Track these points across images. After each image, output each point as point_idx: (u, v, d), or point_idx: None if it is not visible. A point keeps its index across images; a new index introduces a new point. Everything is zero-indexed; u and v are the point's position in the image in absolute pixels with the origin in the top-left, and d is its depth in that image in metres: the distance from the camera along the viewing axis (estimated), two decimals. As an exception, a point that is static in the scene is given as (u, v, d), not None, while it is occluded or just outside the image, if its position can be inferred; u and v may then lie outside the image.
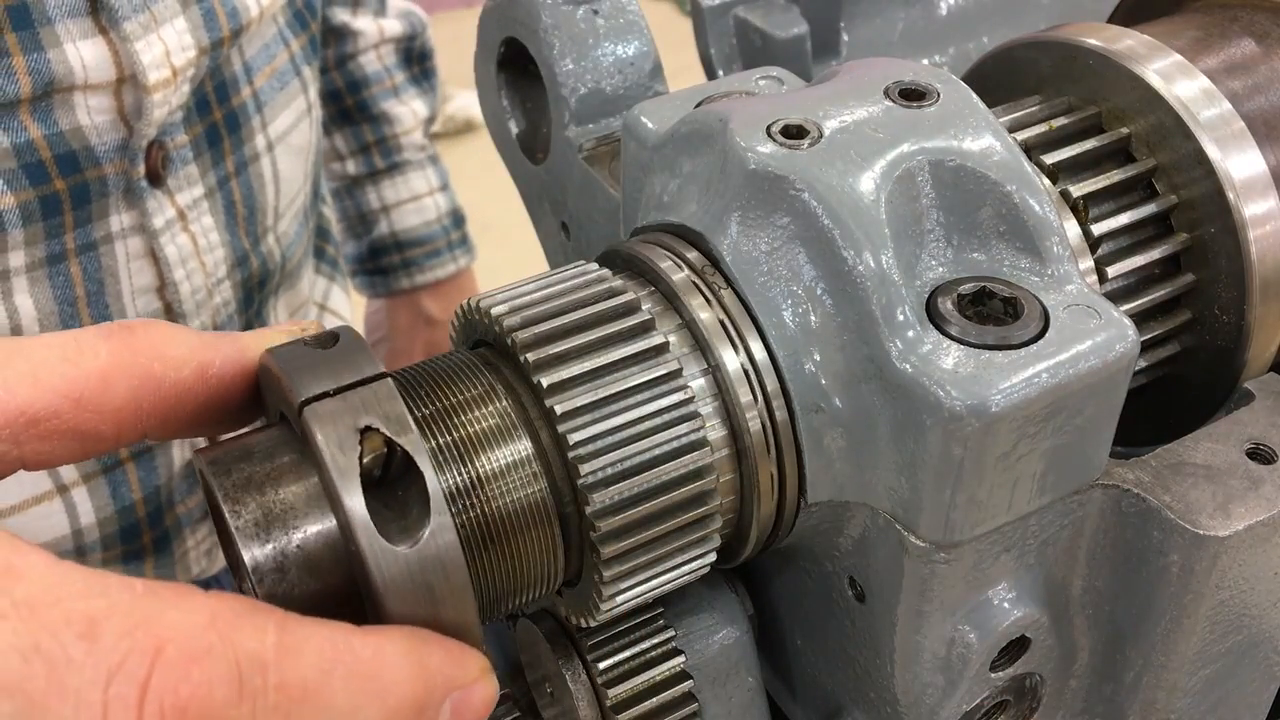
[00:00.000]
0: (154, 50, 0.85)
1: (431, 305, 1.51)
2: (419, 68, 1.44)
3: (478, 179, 3.53)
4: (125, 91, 0.85)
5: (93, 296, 0.89)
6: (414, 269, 1.48)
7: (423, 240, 1.47)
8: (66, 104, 0.82)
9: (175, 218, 0.92)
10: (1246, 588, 0.48)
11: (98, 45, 0.82)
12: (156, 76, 0.85)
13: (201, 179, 0.95)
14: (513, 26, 0.66)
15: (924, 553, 0.44)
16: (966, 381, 0.40)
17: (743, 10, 0.75)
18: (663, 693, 0.51)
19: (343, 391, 0.40)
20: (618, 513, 0.43)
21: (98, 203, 0.87)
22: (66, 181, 0.84)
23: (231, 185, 0.99)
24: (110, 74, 0.83)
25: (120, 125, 0.86)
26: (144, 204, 0.89)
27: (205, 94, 0.94)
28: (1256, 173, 0.51)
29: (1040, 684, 0.51)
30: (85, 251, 0.88)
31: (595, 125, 0.64)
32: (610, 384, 0.44)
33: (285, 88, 1.06)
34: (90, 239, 0.88)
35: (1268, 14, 0.57)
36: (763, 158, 0.45)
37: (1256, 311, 0.51)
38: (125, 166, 0.87)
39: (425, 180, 1.46)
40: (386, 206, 1.44)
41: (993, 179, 0.45)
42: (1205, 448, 0.49)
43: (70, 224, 0.86)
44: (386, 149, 1.43)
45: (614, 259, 0.50)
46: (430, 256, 1.48)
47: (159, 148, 0.89)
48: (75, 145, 0.84)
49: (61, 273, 0.87)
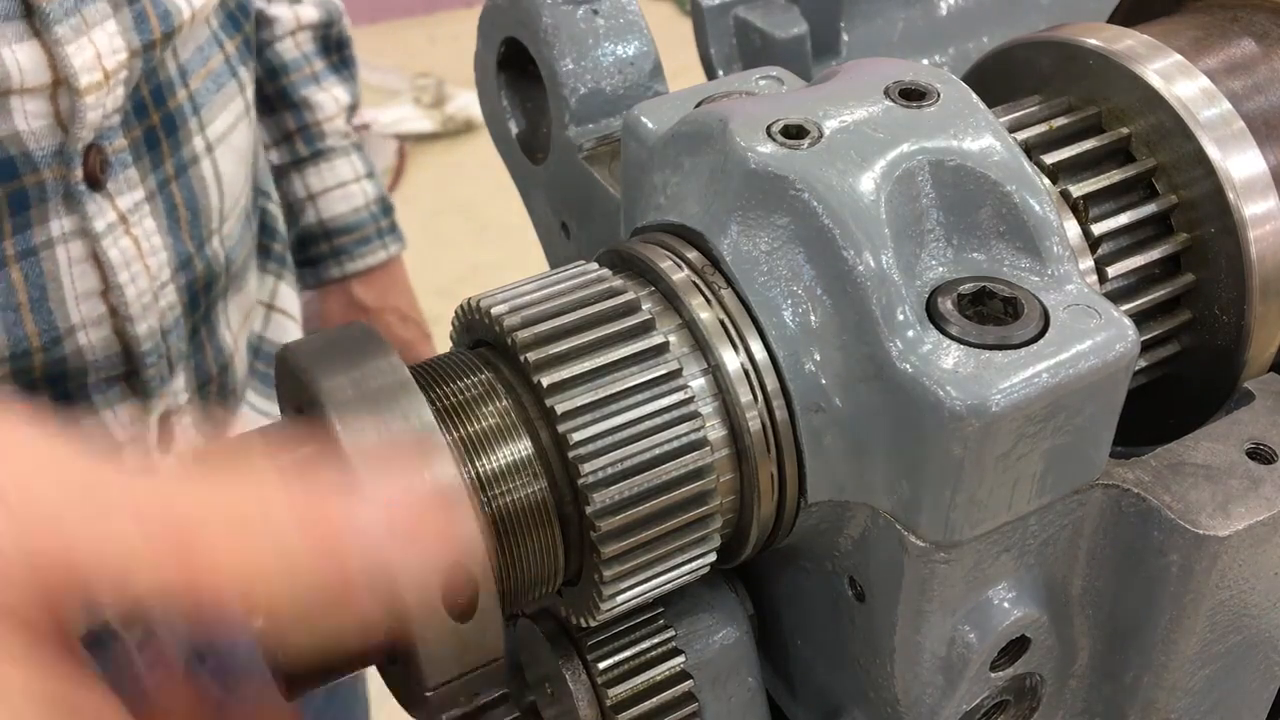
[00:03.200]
0: (85, 53, 0.85)
1: (364, 294, 1.48)
2: (337, 55, 1.43)
3: (478, 179, 3.53)
4: (60, 95, 0.85)
5: (35, 302, 0.89)
6: (344, 257, 1.45)
7: (351, 228, 1.45)
8: (4, 109, 0.82)
9: (117, 221, 0.92)
10: (1246, 588, 0.48)
11: (32, 49, 0.82)
12: (88, 79, 0.85)
13: (142, 182, 0.95)
14: (513, 26, 0.66)
15: (924, 553, 0.44)
16: (966, 381, 0.40)
17: (743, 10, 0.75)
18: (663, 693, 0.51)
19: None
20: (618, 512, 0.43)
21: (37, 208, 0.87)
22: (5, 188, 0.84)
23: (172, 188, 0.99)
24: (45, 77, 0.83)
25: (57, 130, 0.86)
26: (84, 208, 0.89)
27: (142, 97, 0.94)
28: (1256, 173, 0.51)
29: (1040, 684, 0.51)
30: (25, 257, 0.87)
31: (595, 125, 0.64)
32: (610, 384, 0.44)
33: (222, 89, 1.06)
34: (30, 244, 0.88)
35: (1268, 14, 0.57)
36: (763, 158, 0.45)
37: (1256, 311, 0.51)
38: (63, 171, 0.87)
39: (351, 167, 1.44)
40: (313, 194, 1.42)
41: (993, 179, 0.45)
42: (1205, 448, 0.49)
43: (9, 230, 0.86)
44: (309, 136, 1.41)
45: (614, 259, 0.50)
46: (360, 244, 1.45)
47: (96, 151, 0.89)
48: (13, 151, 0.84)
49: (2, 279, 0.87)
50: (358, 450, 0.40)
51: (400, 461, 0.40)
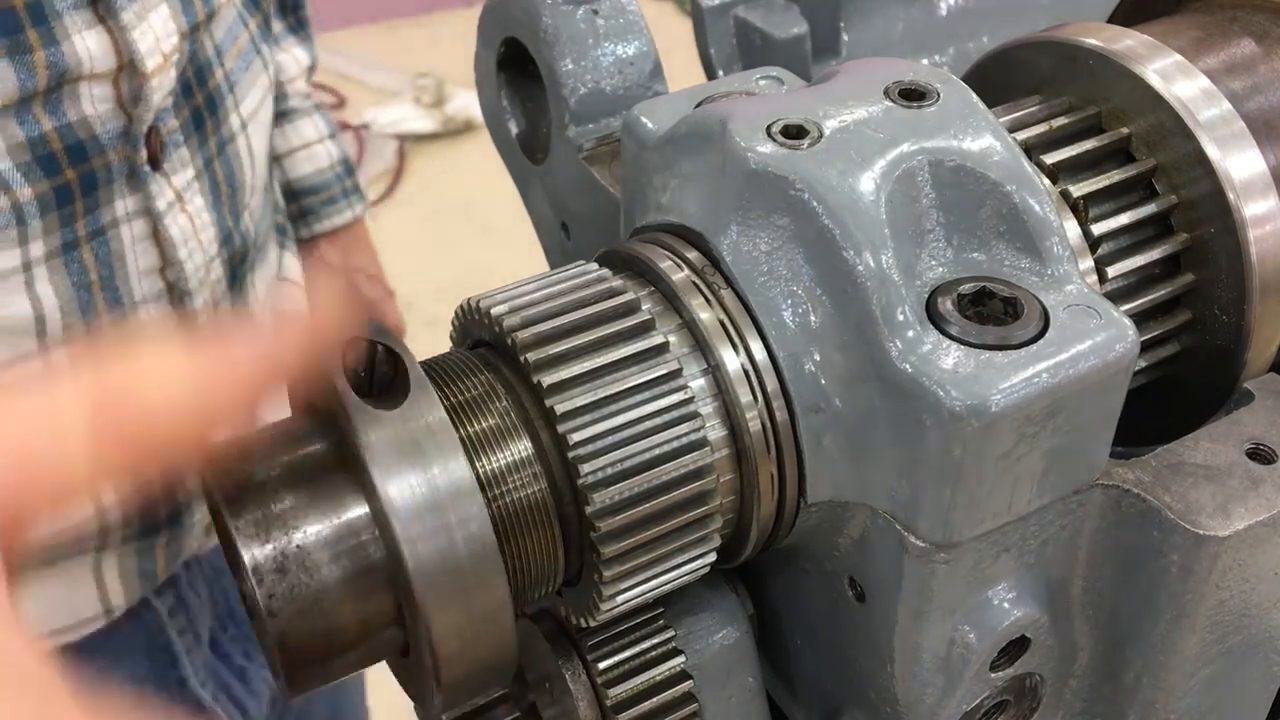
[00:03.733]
0: (147, 38, 0.89)
1: (331, 253, 1.50)
2: (294, 17, 1.43)
3: (478, 179, 3.53)
4: (122, 80, 0.88)
5: (105, 281, 0.93)
6: (311, 218, 1.46)
7: (318, 188, 1.45)
8: (73, 95, 0.86)
9: (174, 199, 0.96)
10: (1246, 588, 0.48)
11: (100, 35, 0.86)
12: (152, 63, 0.89)
13: (191, 161, 0.99)
14: (513, 26, 0.66)
15: (924, 553, 0.44)
16: (966, 381, 0.40)
17: (743, 10, 0.75)
18: (663, 693, 0.51)
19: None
20: (618, 513, 0.43)
21: (104, 189, 0.91)
22: (76, 170, 0.88)
23: (215, 166, 1.03)
24: (111, 63, 0.87)
25: (120, 113, 0.89)
26: (147, 187, 0.93)
27: (187, 78, 0.98)
28: (1256, 173, 0.51)
29: (1040, 684, 0.51)
30: (95, 237, 0.91)
31: (595, 125, 0.64)
32: (610, 384, 0.44)
33: (250, 67, 1.10)
34: (99, 225, 0.91)
35: (1268, 14, 0.57)
36: (763, 158, 0.45)
37: (1256, 311, 0.51)
38: (128, 153, 0.91)
39: (314, 127, 1.44)
40: (279, 156, 1.42)
41: (993, 179, 0.45)
42: (1205, 448, 0.49)
43: (80, 211, 0.90)
44: (273, 97, 1.42)
45: (614, 259, 0.50)
46: (327, 204, 1.46)
47: (155, 133, 0.93)
48: (82, 135, 0.87)
49: (76, 259, 0.90)
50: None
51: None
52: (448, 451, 0.41)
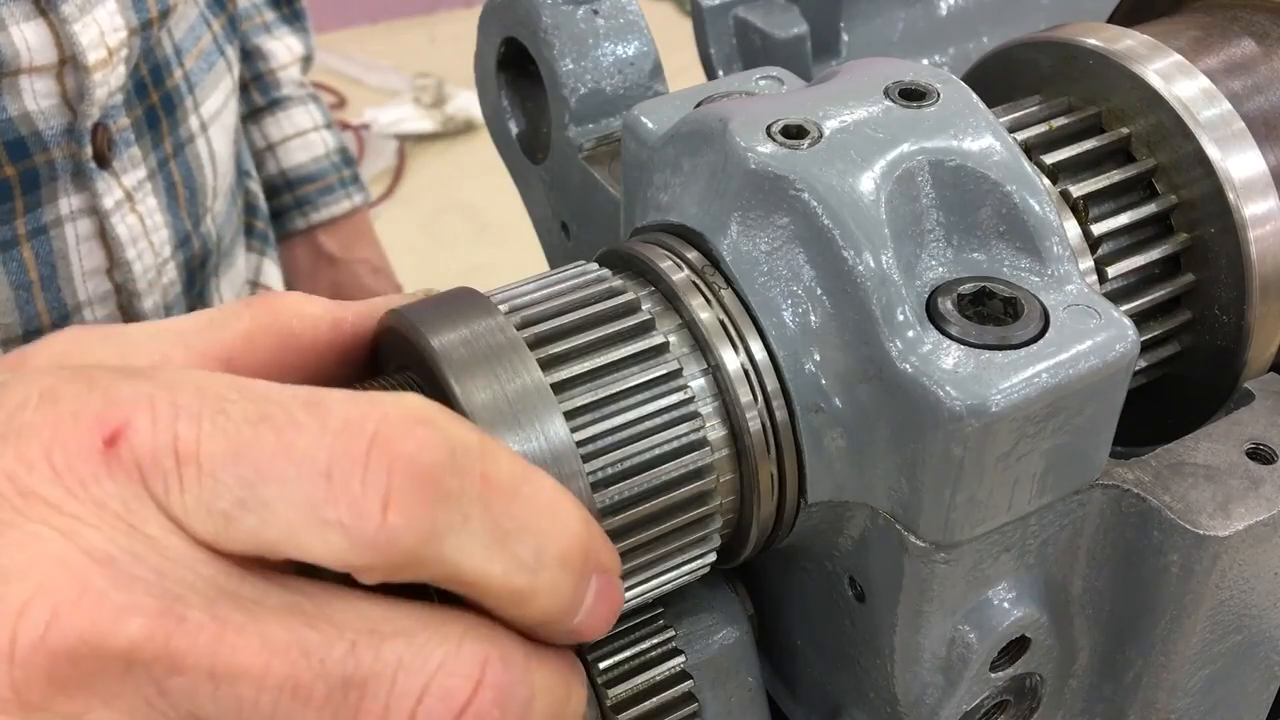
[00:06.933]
0: (90, 31, 0.87)
1: (330, 244, 1.47)
2: (288, 7, 1.42)
3: (478, 179, 3.53)
4: (67, 74, 0.87)
5: (45, 280, 0.91)
6: (308, 207, 1.44)
7: (313, 177, 1.43)
8: (13, 89, 0.84)
9: (123, 198, 0.94)
10: (1246, 588, 0.48)
11: (39, 27, 0.84)
12: (95, 57, 0.87)
13: (144, 160, 0.97)
14: (513, 26, 0.66)
15: (924, 553, 0.44)
16: (966, 381, 0.40)
17: (743, 10, 0.75)
18: (663, 693, 0.51)
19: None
20: (618, 513, 0.43)
21: (47, 187, 0.89)
22: (16, 167, 0.86)
23: (171, 167, 1.01)
24: (52, 55, 0.85)
25: (65, 109, 0.88)
26: (93, 185, 0.91)
27: (141, 77, 0.96)
28: (1256, 173, 0.51)
29: (1040, 684, 0.51)
30: (36, 235, 0.89)
31: (595, 125, 0.64)
32: (610, 384, 0.44)
33: (212, 68, 1.08)
34: (40, 223, 0.89)
35: (1268, 14, 0.57)
36: (763, 158, 0.45)
37: (1256, 311, 0.51)
38: (73, 150, 0.89)
39: (309, 116, 1.43)
40: (272, 144, 1.41)
41: (993, 179, 0.45)
42: (1205, 448, 0.49)
43: (20, 209, 0.88)
44: (264, 85, 1.40)
45: (614, 259, 0.50)
46: (323, 193, 1.44)
47: (103, 130, 0.91)
48: (24, 131, 0.85)
49: (14, 258, 0.88)
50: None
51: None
52: None
